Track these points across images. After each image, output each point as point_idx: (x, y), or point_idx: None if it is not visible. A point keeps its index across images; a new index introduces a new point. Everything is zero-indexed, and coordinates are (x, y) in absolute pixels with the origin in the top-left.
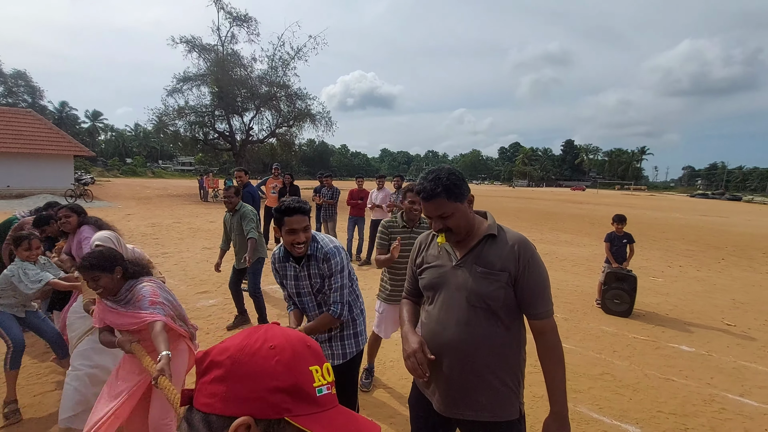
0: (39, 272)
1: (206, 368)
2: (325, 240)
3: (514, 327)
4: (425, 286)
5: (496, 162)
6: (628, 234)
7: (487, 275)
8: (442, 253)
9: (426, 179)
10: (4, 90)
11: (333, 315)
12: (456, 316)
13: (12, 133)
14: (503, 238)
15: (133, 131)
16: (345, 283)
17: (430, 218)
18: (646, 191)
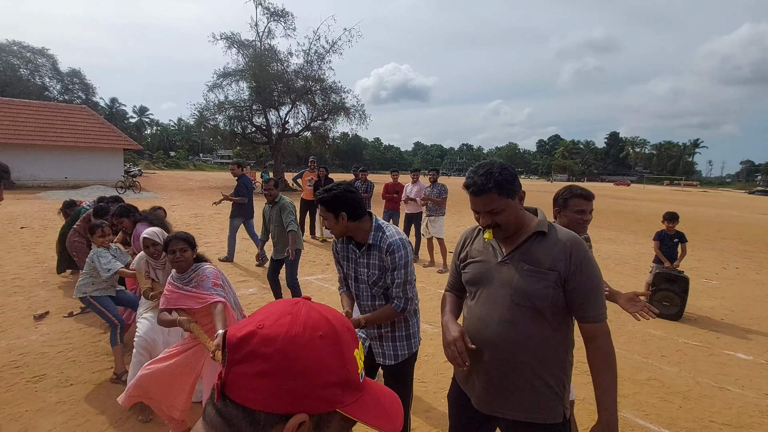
0: (110, 260)
1: (246, 357)
2: (392, 230)
3: (561, 328)
4: (468, 280)
5: (533, 155)
6: (680, 233)
7: (534, 273)
8: (487, 248)
9: (476, 174)
10: (62, 88)
11: (396, 309)
12: (499, 313)
13: (69, 128)
14: (554, 236)
15: (176, 126)
16: (411, 278)
17: (477, 213)
18: (698, 187)
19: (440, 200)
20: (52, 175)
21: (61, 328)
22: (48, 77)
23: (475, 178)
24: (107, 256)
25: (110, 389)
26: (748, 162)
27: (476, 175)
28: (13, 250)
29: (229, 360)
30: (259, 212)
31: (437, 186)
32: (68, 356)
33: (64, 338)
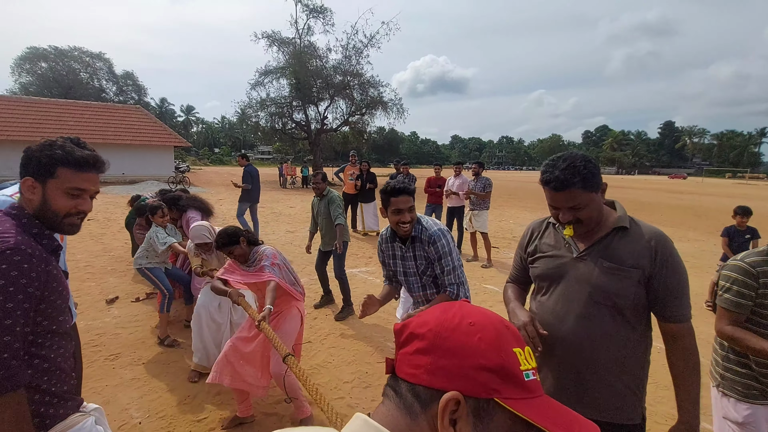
0: (166, 236)
1: (406, 339)
2: (429, 223)
3: (640, 327)
4: (539, 275)
5: (579, 147)
6: (752, 228)
7: (615, 271)
8: (559, 242)
9: (556, 167)
10: (117, 89)
11: (450, 296)
12: (576, 311)
13: (125, 128)
14: (637, 231)
15: (220, 123)
16: (456, 264)
17: (556, 209)
18: (765, 180)
19: (484, 194)
20: (111, 171)
21: (131, 311)
22: (105, 80)
23: (555, 172)
24: (163, 233)
25: (178, 370)
26: None
27: (556, 168)
28: (83, 240)
29: (396, 344)
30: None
31: (481, 180)
32: (138, 337)
33: (133, 321)
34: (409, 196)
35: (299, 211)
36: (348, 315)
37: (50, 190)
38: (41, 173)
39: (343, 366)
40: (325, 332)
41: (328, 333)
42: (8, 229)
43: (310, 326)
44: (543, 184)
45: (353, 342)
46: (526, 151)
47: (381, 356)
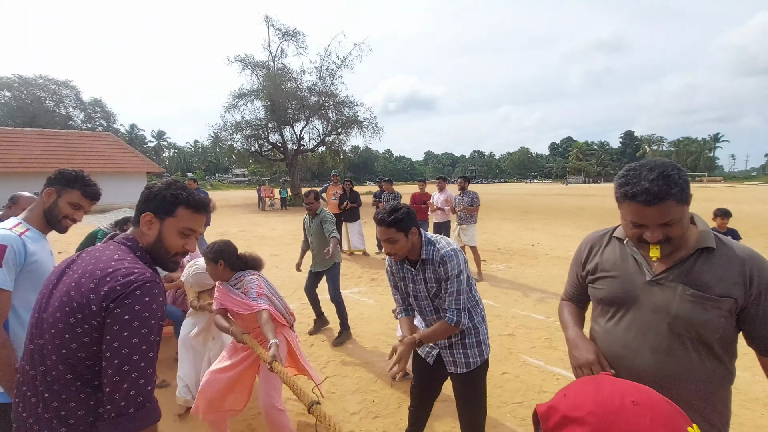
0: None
1: (559, 425)
2: (442, 243)
3: (726, 360)
4: (604, 298)
5: (546, 159)
6: (733, 230)
7: (702, 300)
8: (626, 260)
9: (643, 177)
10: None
11: (449, 322)
12: (652, 343)
13: (95, 155)
14: (725, 252)
15: (192, 147)
16: (462, 288)
17: (641, 227)
18: (722, 183)
19: (473, 208)
20: None
21: None
22: (72, 107)
23: (644, 183)
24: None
25: (166, 412)
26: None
27: (643, 179)
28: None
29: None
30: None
31: (468, 194)
32: None
33: None
34: (388, 228)
35: (282, 234)
36: (346, 340)
37: (167, 227)
38: (162, 211)
39: (347, 396)
40: (324, 360)
41: (327, 361)
42: (136, 260)
43: (308, 354)
44: (627, 198)
45: (355, 369)
46: (497, 164)
47: (386, 382)
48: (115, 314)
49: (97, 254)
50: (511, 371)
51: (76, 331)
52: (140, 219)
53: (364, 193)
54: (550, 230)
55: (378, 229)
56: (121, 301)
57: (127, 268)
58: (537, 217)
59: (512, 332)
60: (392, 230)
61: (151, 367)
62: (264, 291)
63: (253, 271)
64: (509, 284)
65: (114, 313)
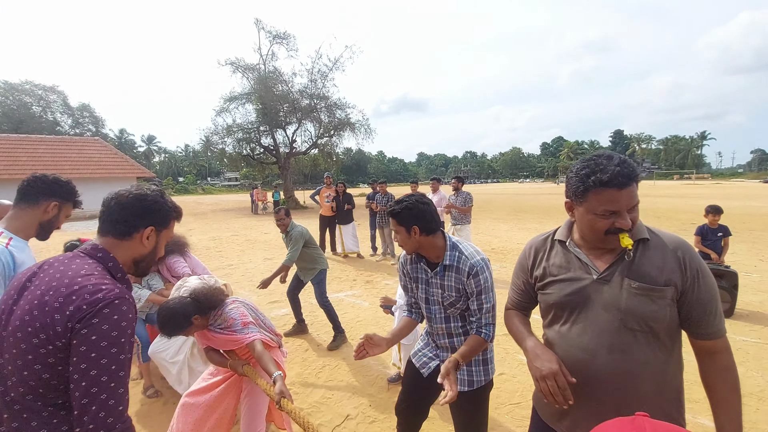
0: (137, 291)
1: None
2: (471, 251)
3: (675, 349)
4: (555, 303)
5: (538, 158)
6: (723, 226)
7: (648, 292)
8: (571, 262)
9: (610, 164)
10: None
11: (486, 339)
12: (608, 342)
13: (83, 160)
14: (658, 242)
15: (184, 151)
16: (495, 302)
17: (613, 214)
18: (710, 179)
19: (466, 209)
20: None
21: None
22: (59, 113)
23: (615, 168)
24: (135, 287)
25: (157, 425)
26: (759, 150)
27: (611, 165)
28: None
29: None
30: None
31: (462, 194)
32: None
33: None
34: (391, 217)
35: (275, 237)
36: (341, 343)
37: (162, 239)
38: (163, 224)
39: (343, 401)
40: (320, 365)
41: (323, 366)
42: (104, 275)
43: (303, 359)
44: (600, 185)
45: (350, 373)
46: (489, 165)
47: (382, 386)
48: (81, 335)
49: (61, 268)
50: (507, 372)
51: (40, 352)
52: (138, 233)
53: (357, 195)
54: (543, 230)
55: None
56: (88, 321)
57: (94, 285)
58: (530, 217)
59: (507, 332)
60: (393, 221)
61: (121, 386)
62: (248, 319)
63: (228, 300)
64: (504, 284)
65: (80, 333)
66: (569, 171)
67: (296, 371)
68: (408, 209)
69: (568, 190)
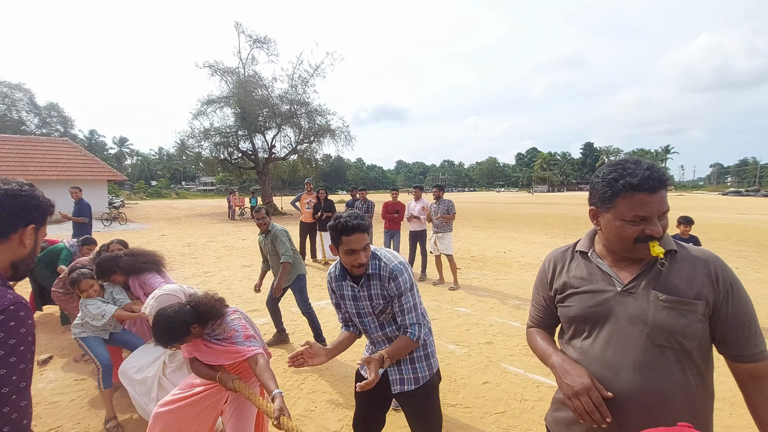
0: (101, 306)
1: None
2: (389, 256)
3: (708, 374)
4: (576, 316)
5: (513, 168)
6: (694, 237)
7: (676, 305)
8: (593, 274)
9: (639, 168)
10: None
11: (412, 338)
12: (633, 359)
13: (51, 162)
14: (688, 255)
15: (157, 154)
16: (418, 301)
17: (643, 220)
18: (673, 191)
19: (449, 216)
20: None
21: (70, 373)
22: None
23: (644, 172)
24: (96, 303)
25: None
26: (718, 165)
27: (640, 169)
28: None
29: None
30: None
31: (444, 202)
32: (82, 405)
33: (74, 384)
34: (363, 233)
35: (252, 243)
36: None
37: (39, 236)
38: (41, 220)
39: (327, 413)
40: (301, 377)
41: (305, 377)
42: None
43: (284, 370)
44: (630, 189)
45: (334, 384)
46: (466, 174)
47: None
48: None
49: None
50: (492, 380)
51: None
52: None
53: (337, 201)
54: (520, 238)
55: (353, 238)
56: None
57: None
58: (507, 225)
59: (491, 340)
60: (365, 235)
61: (24, 399)
62: (251, 332)
63: (229, 309)
64: (485, 292)
65: None
66: (594, 176)
67: (278, 383)
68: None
69: (593, 196)
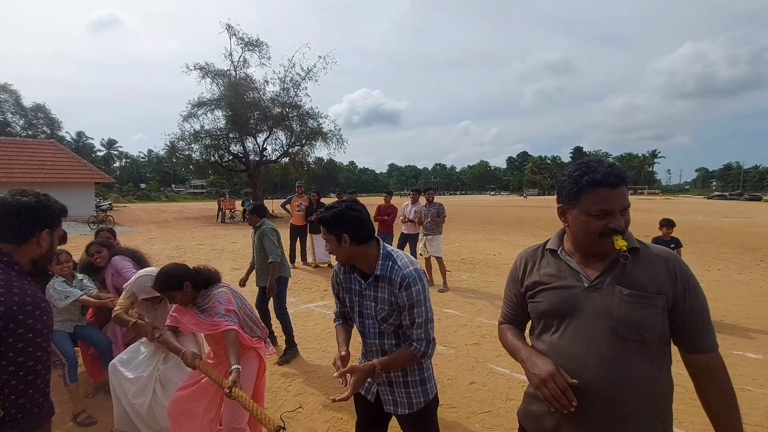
0: (68, 288)
1: None
2: (405, 260)
3: (665, 363)
4: (546, 311)
5: (504, 172)
6: (675, 238)
7: (639, 299)
8: (563, 270)
9: (601, 165)
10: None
11: (416, 353)
12: (599, 351)
13: (36, 164)
14: (648, 253)
15: (147, 157)
16: (431, 315)
17: (607, 214)
18: (660, 195)
19: (440, 219)
20: None
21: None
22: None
23: (606, 168)
24: (63, 284)
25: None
26: (703, 169)
27: (602, 166)
28: None
29: None
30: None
31: (434, 205)
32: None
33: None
34: (320, 224)
35: (242, 246)
36: (292, 357)
37: (54, 238)
38: (56, 224)
39: (314, 414)
40: (290, 377)
41: (293, 378)
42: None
43: (271, 372)
44: (593, 185)
45: (322, 385)
46: (458, 177)
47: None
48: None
49: None
50: (478, 380)
51: None
52: (34, 237)
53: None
54: (509, 241)
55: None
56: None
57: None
58: (497, 228)
59: (478, 341)
60: (323, 229)
61: (47, 372)
62: (233, 306)
63: (220, 284)
64: (473, 294)
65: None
66: (561, 175)
67: (266, 384)
68: (337, 216)
69: (561, 194)
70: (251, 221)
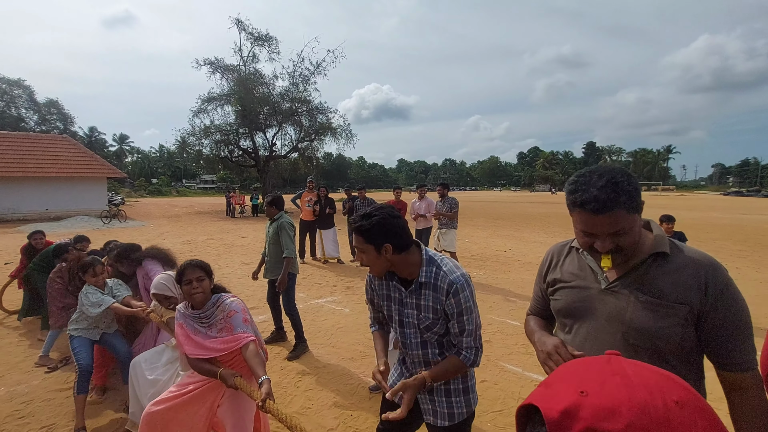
0: (101, 296)
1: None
2: (450, 265)
3: (690, 376)
4: (560, 310)
5: (515, 167)
6: (679, 233)
7: (655, 307)
8: (584, 269)
9: (592, 184)
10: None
11: (465, 362)
12: None
13: (49, 158)
14: (680, 258)
15: (158, 152)
16: (479, 323)
17: (591, 236)
18: (675, 191)
19: (452, 214)
20: (32, 207)
21: (66, 371)
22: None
23: (592, 190)
24: (96, 292)
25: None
26: (719, 165)
27: (592, 186)
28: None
29: None
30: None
31: (448, 200)
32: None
33: (70, 382)
34: (357, 235)
35: (252, 241)
36: (302, 353)
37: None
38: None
39: (324, 411)
40: (299, 372)
41: (302, 374)
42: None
43: (281, 367)
44: (575, 205)
45: (331, 381)
46: (468, 172)
47: (363, 395)
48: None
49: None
50: (489, 379)
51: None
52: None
53: (338, 200)
54: (520, 237)
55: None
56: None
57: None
58: (507, 224)
59: (489, 339)
60: (360, 239)
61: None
62: (248, 316)
63: (229, 293)
64: (485, 290)
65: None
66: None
67: (275, 380)
68: (379, 225)
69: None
70: (269, 213)
